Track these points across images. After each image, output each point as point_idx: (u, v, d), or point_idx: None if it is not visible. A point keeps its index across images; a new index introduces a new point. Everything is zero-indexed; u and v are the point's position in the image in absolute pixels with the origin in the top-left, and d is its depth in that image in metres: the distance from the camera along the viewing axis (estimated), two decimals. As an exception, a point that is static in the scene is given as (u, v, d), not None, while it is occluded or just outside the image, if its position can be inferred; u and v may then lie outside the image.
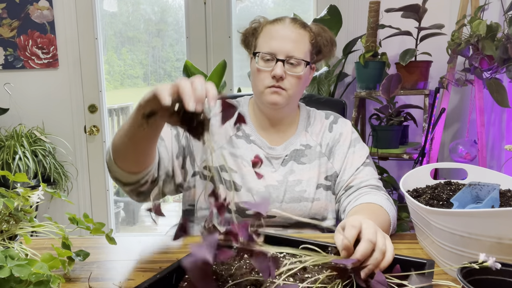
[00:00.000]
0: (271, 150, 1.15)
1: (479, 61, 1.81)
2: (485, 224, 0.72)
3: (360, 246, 0.67)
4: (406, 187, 1.00)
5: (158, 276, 0.70)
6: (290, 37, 1.08)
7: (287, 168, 1.14)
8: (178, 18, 3.03)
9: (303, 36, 1.10)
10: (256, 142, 1.15)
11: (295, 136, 1.17)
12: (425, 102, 2.03)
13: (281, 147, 1.16)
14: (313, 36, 1.13)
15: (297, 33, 1.09)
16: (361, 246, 0.66)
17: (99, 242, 1.02)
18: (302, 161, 1.15)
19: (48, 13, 2.44)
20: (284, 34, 1.08)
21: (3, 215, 0.81)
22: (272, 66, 1.08)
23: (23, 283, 0.64)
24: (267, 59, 1.08)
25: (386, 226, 0.97)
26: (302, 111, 1.22)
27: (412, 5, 1.95)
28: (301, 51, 1.09)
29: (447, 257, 0.80)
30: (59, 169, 2.41)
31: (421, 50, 2.04)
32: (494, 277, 0.61)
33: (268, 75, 1.08)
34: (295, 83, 1.09)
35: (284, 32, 1.09)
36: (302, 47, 1.09)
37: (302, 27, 1.11)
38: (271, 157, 1.14)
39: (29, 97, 2.50)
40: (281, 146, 1.16)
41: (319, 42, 1.14)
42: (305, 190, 1.12)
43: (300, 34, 1.10)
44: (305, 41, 1.11)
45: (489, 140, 2.18)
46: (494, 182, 0.94)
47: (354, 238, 0.68)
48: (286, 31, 1.09)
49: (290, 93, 1.09)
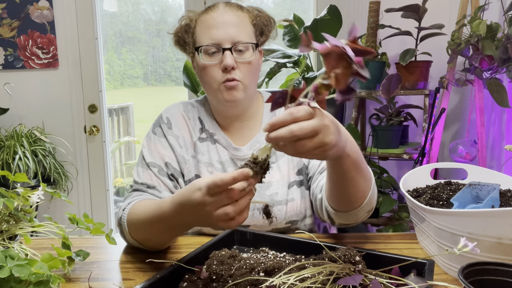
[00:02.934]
0: (236, 151, 1.08)
1: (479, 61, 1.81)
2: (485, 224, 0.72)
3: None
4: (406, 187, 1.00)
5: (158, 276, 0.70)
6: (230, 22, 0.99)
7: None
8: (178, 18, 3.03)
9: (243, 18, 1.02)
10: (221, 142, 1.09)
11: (260, 133, 1.10)
12: (425, 102, 2.03)
13: (246, 147, 1.08)
14: (252, 17, 1.05)
15: (236, 15, 1.01)
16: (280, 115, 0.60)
17: (99, 242, 1.02)
18: (271, 160, 1.10)
19: (48, 13, 2.44)
20: (223, 20, 0.99)
21: (3, 215, 0.81)
22: (219, 58, 0.99)
23: (23, 283, 0.64)
24: (212, 52, 1.00)
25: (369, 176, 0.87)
26: (265, 100, 1.14)
27: (412, 5, 1.95)
28: (245, 34, 1.01)
29: (447, 257, 0.80)
30: (59, 169, 2.40)
31: (421, 50, 2.04)
32: (495, 277, 0.62)
33: (217, 69, 1.00)
34: (248, 70, 1.01)
35: (222, 18, 1.00)
36: (245, 30, 1.01)
37: (239, 9, 1.03)
38: (236, 158, 1.08)
39: (29, 97, 2.50)
40: (246, 146, 1.09)
41: (259, 23, 1.06)
42: (277, 192, 1.05)
43: (239, 16, 1.01)
44: (247, 22, 1.03)
45: (489, 140, 2.18)
46: (494, 182, 0.94)
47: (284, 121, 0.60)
48: (224, 16, 1.00)
49: (245, 83, 1.01)
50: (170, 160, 1.06)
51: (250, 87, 1.04)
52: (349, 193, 0.83)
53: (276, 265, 0.76)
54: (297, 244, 0.87)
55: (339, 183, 0.82)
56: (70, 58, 2.48)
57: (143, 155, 1.07)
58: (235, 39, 0.99)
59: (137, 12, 3.13)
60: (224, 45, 0.99)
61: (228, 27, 0.99)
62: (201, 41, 1.02)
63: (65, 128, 2.54)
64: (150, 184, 1.02)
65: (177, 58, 3.50)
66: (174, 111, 1.13)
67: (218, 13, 1.01)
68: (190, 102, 1.16)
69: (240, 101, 1.03)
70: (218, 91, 1.02)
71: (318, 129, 0.61)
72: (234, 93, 1.01)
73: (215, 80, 1.01)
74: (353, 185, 0.81)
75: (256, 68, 1.05)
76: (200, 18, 1.04)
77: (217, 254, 0.79)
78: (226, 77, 1.00)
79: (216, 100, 1.06)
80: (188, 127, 1.11)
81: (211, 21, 1.01)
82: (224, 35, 0.99)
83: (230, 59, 0.98)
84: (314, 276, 0.67)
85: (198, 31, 1.03)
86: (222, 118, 1.11)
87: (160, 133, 1.09)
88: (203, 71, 1.03)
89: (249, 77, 1.02)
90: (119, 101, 4.47)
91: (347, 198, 0.85)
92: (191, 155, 1.09)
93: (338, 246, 0.78)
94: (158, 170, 1.04)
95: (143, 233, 0.89)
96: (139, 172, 1.05)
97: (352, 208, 0.86)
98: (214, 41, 0.99)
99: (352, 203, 0.86)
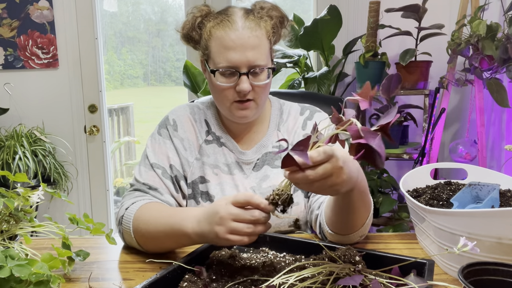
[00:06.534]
0: (242, 155, 1.08)
1: (479, 61, 1.82)
2: (485, 224, 0.72)
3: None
4: (406, 187, 1.00)
5: (158, 276, 0.70)
6: (248, 44, 0.96)
7: (261, 174, 1.07)
8: (178, 18, 3.03)
9: (261, 37, 0.98)
10: (227, 145, 1.09)
11: (266, 137, 1.10)
12: (425, 102, 2.03)
13: (251, 151, 1.08)
14: (269, 30, 1.01)
15: (254, 36, 0.97)
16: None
17: (99, 242, 1.02)
18: (276, 165, 1.08)
19: (48, 13, 2.44)
20: (242, 43, 0.95)
21: (3, 215, 0.81)
22: (235, 81, 0.98)
23: (23, 283, 0.64)
24: (228, 74, 0.98)
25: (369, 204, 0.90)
26: (273, 106, 1.14)
27: (412, 5, 1.95)
28: (263, 56, 0.98)
29: (447, 257, 0.80)
30: (59, 169, 2.40)
31: (421, 50, 2.04)
32: (495, 277, 0.62)
33: (232, 91, 0.99)
34: (262, 91, 1.01)
35: (240, 40, 0.95)
36: (263, 51, 0.98)
37: (257, 27, 0.98)
38: (241, 162, 1.08)
39: (29, 97, 2.50)
40: (252, 149, 1.08)
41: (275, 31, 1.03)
42: None
43: (257, 37, 0.97)
44: (264, 42, 0.99)
45: (489, 140, 2.18)
46: (494, 182, 0.94)
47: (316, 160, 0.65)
48: (242, 38, 0.95)
49: (258, 102, 1.02)
50: (174, 162, 1.06)
51: (262, 104, 1.04)
52: (350, 220, 0.87)
53: (276, 265, 0.76)
54: (297, 244, 0.87)
55: (342, 211, 0.86)
56: (70, 58, 2.48)
57: (147, 154, 1.06)
58: (252, 63, 0.96)
59: (137, 12, 3.13)
60: (242, 70, 0.97)
61: (246, 51, 0.96)
62: (217, 60, 0.98)
63: (65, 128, 2.53)
64: (152, 186, 1.02)
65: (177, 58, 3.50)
66: (180, 113, 1.12)
67: (237, 33, 0.96)
68: (196, 105, 1.15)
69: (251, 118, 1.04)
70: (229, 109, 1.02)
71: (331, 172, 0.66)
72: (246, 112, 1.01)
73: (228, 99, 1.01)
74: (355, 213, 0.85)
75: (270, 86, 1.04)
76: (215, 31, 0.98)
77: (217, 254, 0.79)
78: (240, 98, 1.00)
79: (227, 114, 1.06)
80: (194, 129, 1.11)
81: (229, 42, 0.96)
82: (242, 58, 0.96)
83: (246, 84, 0.97)
84: (314, 276, 0.67)
85: (214, 48, 0.99)
86: (230, 123, 1.11)
87: (166, 134, 1.09)
88: (217, 90, 1.01)
89: (262, 96, 1.02)
90: (119, 101, 4.47)
91: (347, 224, 0.88)
92: (195, 157, 1.08)
93: (338, 246, 0.78)
94: (162, 172, 1.03)
95: (152, 240, 0.90)
96: (142, 172, 1.04)
97: (350, 232, 0.89)
98: (232, 64, 0.96)
99: (351, 228, 0.89)
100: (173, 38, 3.14)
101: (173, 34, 3.25)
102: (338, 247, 0.75)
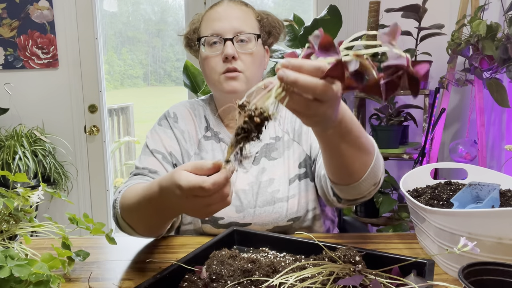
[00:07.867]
0: None
1: (479, 61, 1.81)
2: (485, 224, 0.72)
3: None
4: (406, 187, 1.00)
5: (158, 276, 0.70)
6: (233, 15, 1.01)
7: (259, 167, 1.06)
8: (178, 18, 3.03)
9: (247, 12, 1.04)
10: (225, 141, 1.09)
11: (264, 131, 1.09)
12: (425, 102, 2.03)
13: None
14: (257, 14, 1.07)
15: (239, 9, 1.03)
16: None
17: (99, 242, 1.02)
18: (273, 156, 1.07)
19: (48, 13, 2.44)
20: (227, 13, 1.01)
21: (3, 215, 0.81)
22: (221, 49, 1.00)
23: (23, 283, 0.64)
24: (213, 42, 1.00)
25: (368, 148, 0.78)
26: None
27: (412, 5, 1.95)
28: (248, 26, 1.02)
29: (447, 257, 0.80)
30: (59, 169, 2.41)
31: (421, 50, 2.04)
32: (495, 277, 0.61)
33: (218, 60, 1.00)
34: (250, 61, 1.01)
35: (226, 12, 1.02)
36: (249, 22, 1.02)
37: (243, 5, 1.05)
38: None
39: (29, 97, 2.50)
40: None
41: (266, 23, 1.07)
42: (278, 189, 1.04)
43: (243, 10, 1.03)
44: (251, 17, 1.04)
45: (489, 140, 2.18)
46: (494, 182, 0.94)
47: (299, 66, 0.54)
48: (228, 10, 1.02)
49: (247, 75, 1.01)
50: (174, 151, 1.06)
51: (253, 80, 1.02)
52: (346, 164, 0.77)
53: (276, 265, 0.76)
54: (297, 244, 0.87)
55: (335, 154, 0.75)
56: (70, 58, 2.48)
57: (147, 143, 1.07)
58: (238, 29, 1.00)
59: (137, 12, 3.13)
60: (226, 35, 0.99)
61: (231, 20, 1.00)
62: (204, 33, 1.03)
63: (65, 128, 2.54)
64: (152, 169, 1.01)
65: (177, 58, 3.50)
66: (181, 107, 1.14)
67: (223, 7, 1.03)
68: (197, 101, 1.17)
69: (240, 92, 1.00)
70: (218, 82, 1.01)
71: (333, 97, 0.56)
72: (234, 84, 1.00)
73: (216, 71, 1.01)
74: (349, 156, 0.75)
75: (260, 61, 1.04)
76: (205, 14, 1.06)
77: (217, 254, 0.79)
78: (227, 67, 0.99)
79: (217, 91, 1.05)
80: (194, 123, 1.12)
81: (215, 15, 1.02)
82: (226, 26, 1.00)
83: (230, 48, 0.98)
84: (314, 276, 0.67)
85: (203, 26, 1.05)
86: (227, 116, 1.11)
87: (166, 125, 1.10)
88: (205, 62, 1.03)
89: (252, 68, 1.01)
90: (119, 101, 4.47)
91: (343, 170, 0.79)
92: (195, 152, 1.09)
93: (338, 246, 0.78)
94: (162, 157, 1.03)
95: (133, 215, 0.85)
96: (141, 159, 1.04)
97: (353, 181, 0.80)
98: (216, 32, 1.00)
99: (351, 176, 0.79)
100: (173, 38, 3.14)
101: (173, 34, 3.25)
102: (338, 247, 0.75)
